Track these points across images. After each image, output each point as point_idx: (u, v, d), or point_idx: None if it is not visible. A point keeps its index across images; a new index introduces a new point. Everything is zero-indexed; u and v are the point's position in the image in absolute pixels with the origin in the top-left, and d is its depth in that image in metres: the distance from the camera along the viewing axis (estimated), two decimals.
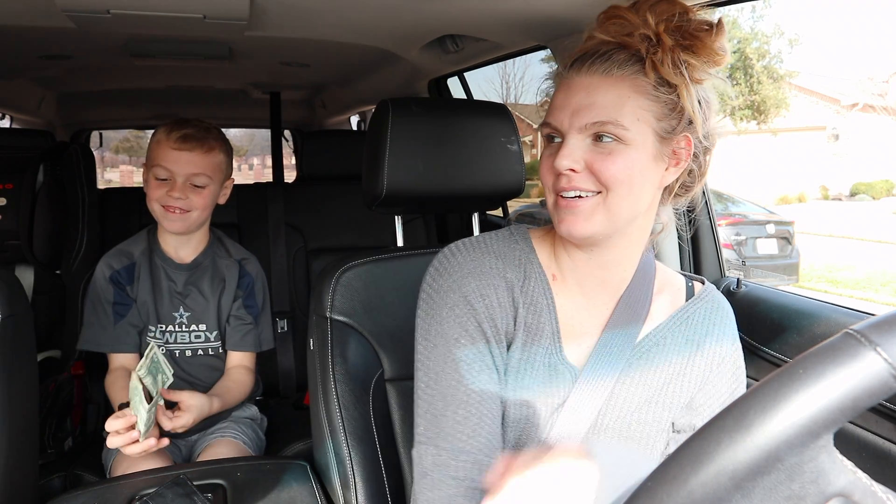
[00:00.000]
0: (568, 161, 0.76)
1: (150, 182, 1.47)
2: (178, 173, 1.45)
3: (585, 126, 0.76)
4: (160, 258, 1.55)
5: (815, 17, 37.61)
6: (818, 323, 1.10)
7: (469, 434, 0.77)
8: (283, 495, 1.05)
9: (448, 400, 0.79)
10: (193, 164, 1.45)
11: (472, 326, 0.81)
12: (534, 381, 0.84)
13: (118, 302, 1.50)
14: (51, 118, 3.03)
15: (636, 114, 0.76)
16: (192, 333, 1.56)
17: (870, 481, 0.39)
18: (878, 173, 16.43)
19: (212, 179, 1.49)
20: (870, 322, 0.39)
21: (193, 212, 1.47)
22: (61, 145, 2.03)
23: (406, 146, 1.17)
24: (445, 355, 0.81)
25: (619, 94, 0.76)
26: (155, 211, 1.47)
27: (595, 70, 0.76)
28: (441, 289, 0.84)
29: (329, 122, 3.64)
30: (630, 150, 0.76)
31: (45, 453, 1.57)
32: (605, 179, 0.76)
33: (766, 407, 0.38)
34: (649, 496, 0.40)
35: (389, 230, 1.42)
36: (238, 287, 1.60)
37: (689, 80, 0.76)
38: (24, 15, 1.36)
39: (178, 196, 1.44)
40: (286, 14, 1.39)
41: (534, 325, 0.85)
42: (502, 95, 16.89)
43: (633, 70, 0.76)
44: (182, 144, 1.44)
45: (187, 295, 1.56)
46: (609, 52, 0.77)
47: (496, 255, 0.86)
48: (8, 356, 1.00)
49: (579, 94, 0.77)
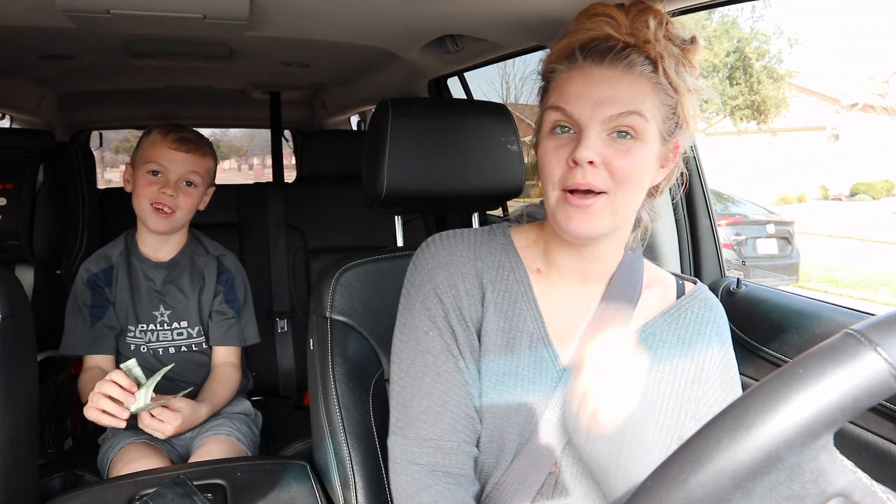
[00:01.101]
0: (591, 152, 0.75)
1: (141, 180, 1.50)
2: (173, 171, 1.50)
3: (609, 118, 0.76)
4: (138, 259, 1.58)
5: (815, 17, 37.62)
6: (818, 323, 1.10)
7: (431, 423, 0.81)
8: (283, 495, 1.05)
9: (415, 391, 0.83)
10: (189, 163, 1.52)
11: (440, 318, 0.85)
12: (521, 374, 0.84)
13: (94, 305, 1.53)
14: (51, 118, 3.03)
15: (652, 111, 0.77)
16: (175, 331, 1.58)
17: (870, 481, 0.39)
18: (878, 173, 16.44)
19: (202, 181, 1.56)
20: (870, 322, 0.39)
21: (179, 212, 1.52)
22: (61, 145, 2.03)
23: (406, 146, 1.17)
24: (415, 347, 0.85)
25: (641, 90, 0.77)
26: (143, 209, 1.50)
27: (617, 64, 0.76)
28: (415, 282, 0.89)
29: (329, 122, 3.64)
30: (644, 147, 0.77)
31: (45, 453, 1.58)
32: (620, 176, 0.76)
33: (766, 407, 0.38)
34: (649, 496, 0.40)
35: (389, 230, 1.42)
36: (217, 283, 1.62)
37: (689, 87, 0.79)
38: (24, 15, 1.36)
39: (170, 193, 1.49)
40: (286, 14, 1.39)
41: (510, 312, 0.86)
42: (502, 95, 16.89)
43: (649, 70, 0.77)
44: (180, 145, 1.51)
45: (166, 293, 1.58)
46: (625, 50, 0.77)
47: (468, 245, 0.89)
48: (8, 356, 1.00)
49: (601, 86, 0.76)
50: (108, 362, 1.52)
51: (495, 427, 0.83)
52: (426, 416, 0.82)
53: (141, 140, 1.57)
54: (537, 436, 0.82)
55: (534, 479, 0.82)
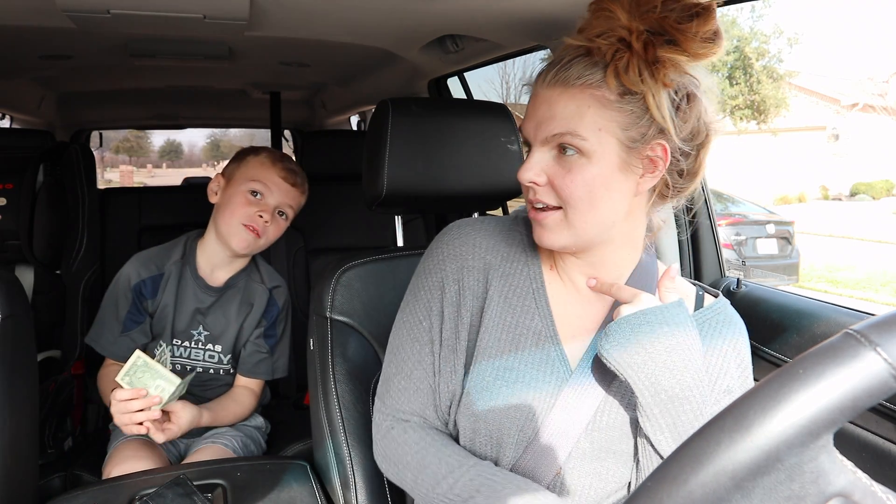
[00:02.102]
0: (530, 174, 0.78)
1: (240, 197, 1.49)
2: (275, 198, 1.51)
3: (547, 139, 0.77)
4: (192, 275, 1.54)
5: (815, 17, 37.61)
6: (818, 323, 1.10)
7: (406, 400, 0.89)
8: (283, 495, 1.05)
9: (398, 369, 0.90)
10: (290, 196, 1.53)
11: (436, 311, 0.88)
12: (522, 371, 0.83)
13: (132, 312, 1.49)
14: (51, 118, 3.03)
15: (597, 124, 0.74)
16: (207, 352, 1.55)
17: (870, 481, 0.39)
18: (878, 173, 16.44)
19: (292, 215, 1.57)
20: (870, 322, 0.38)
21: (264, 239, 1.51)
22: (61, 145, 2.03)
23: (406, 146, 1.17)
24: (409, 332, 0.90)
25: (579, 105, 0.74)
26: (232, 225, 1.48)
27: (556, 81, 0.76)
28: (426, 269, 0.92)
29: (329, 122, 3.64)
30: (591, 164, 0.75)
31: (45, 453, 1.58)
32: (565, 196, 0.77)
33: (766, 407, 0.38)
34: (649, 496, 0.40)
35: (389, 230, 1.42)
36: (263, 316, 1.59)
37: (657, 84, 0.72)
38: (24, 15, 1.36)
39: (266, 218, 1.48)
40: (286, 14, 1.39)
41: (518, 307, 0.86)
42: (502, 95, 16.88)
43: (594, 80, 0.74)
44: (288, 176, 1.52)
45: (209, 315, 1.54)
46: (571, 62, 0.75)
47: (486, 235, 0.90)
48: (8, 356, 1.00)
49: (542, 107, 0.77)
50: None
51: (493, 421, 0.83)
52: (402, 394, 0.89)
53: (245, 157, 1.54)
54: (542, 435, 0.82)
55: (539, 479, 0.82)
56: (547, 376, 0.83)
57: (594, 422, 0.82)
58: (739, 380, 0.84)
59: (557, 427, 0.81)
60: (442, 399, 0.87)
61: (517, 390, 0.83)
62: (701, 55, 0.73)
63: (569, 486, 0.82)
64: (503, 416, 0.82)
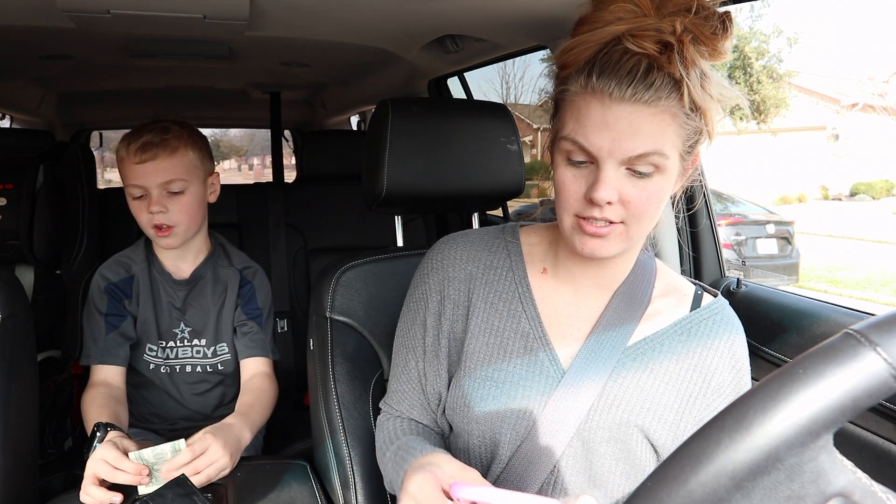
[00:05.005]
0: (608, 193, 0.73)
1: (131, 206, 1.36)
2: (149, 186, 1.32)
3: (629, 159, 0.72)
4: (159, 272, 1.47)
5: (815, 17, 37.62)
6: (818, 323, 1.10)
7: (396, 401, 0.96)
8: (283, 495, 1.05)
9: (393, 373, 0.98)
10: (161, 171, 1.31)
11: (420, 321, 0.93)
12: (512, 373, 0.84)
13: (111, 313, 1.41)
14: (51, 118, 3.03)
15: (673, 141, 0.73)
16: (194, 348, 1.50)
17: (870, 481, 0.39)
18: (878, 173, 16.44)
19: (188, 181, 1.35)
20: (870, 322, 0.39)
21: (178, 226, 1.36)
22: (61, 145, 2.03)
23: (406, 146, 1.17)
24: (401, 340, 0.96)
25: (662, 123, 0.72)
26: (148, 233, 1.39)
27: (639, 98, 0.70)
28: (415, 282, 0.96)
29: (329, 122, 3.64)
30: (664, 178, 0.74)
31: (45, 453, 1.58)
32: (637, 211, 0.75)
33: (766, 407, 0.38)
34: (649, 496, 0.40)
35: (389, 230, 1.42)
36: (238, 295, 1.51)
37: (713, 100, 0.73)
38: (24, 15, 1.36)
39: (158, 210, 1.32)
40: (286, 14, 1.39)
41: (504, 312, 0.87)
42: (502, 95, 16.91)
43: (672, 98, 0.71)
44: (143, 155, 1.30)
45: (187, 310, 1.48)
46: (651, 78, 0.70)
47: (468, 247, 0.92)
48: (8, 356, 1.00)
49: (621, 123, 0.71)
50: (119, 375, 1.38)
51: (485, 422, 0.83)
52: (400, 395, 0.95)
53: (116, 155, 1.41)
54: (535, 436, 0.82)
55: (533, 478, 0.82)
56: (537, 377, 0.83)
57: (587, 421, 0.82)
58: (732, 380, 0.84)
59: (550, 427, 0.82)
60: (431, 400, 0.92)
61: (508, 392, 0.83)
62: (723, 57, 0.73)
63: (562, 485, 0.83)
64: (495, 417, 0.83)
